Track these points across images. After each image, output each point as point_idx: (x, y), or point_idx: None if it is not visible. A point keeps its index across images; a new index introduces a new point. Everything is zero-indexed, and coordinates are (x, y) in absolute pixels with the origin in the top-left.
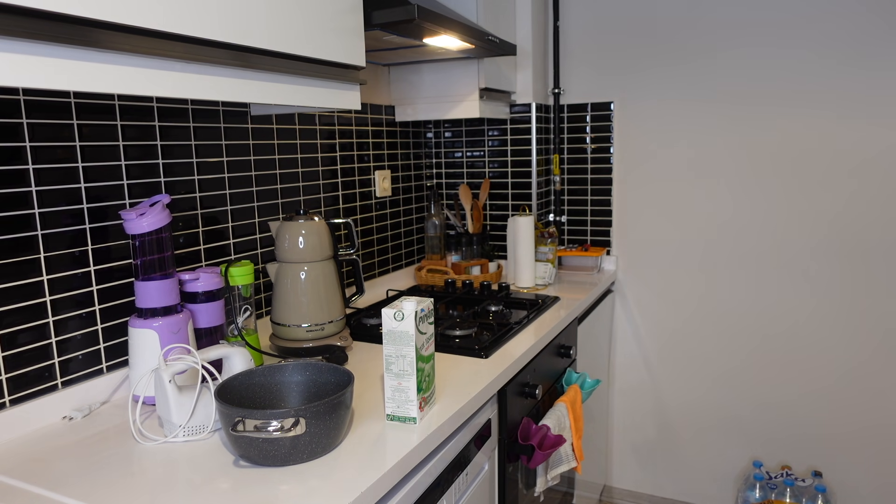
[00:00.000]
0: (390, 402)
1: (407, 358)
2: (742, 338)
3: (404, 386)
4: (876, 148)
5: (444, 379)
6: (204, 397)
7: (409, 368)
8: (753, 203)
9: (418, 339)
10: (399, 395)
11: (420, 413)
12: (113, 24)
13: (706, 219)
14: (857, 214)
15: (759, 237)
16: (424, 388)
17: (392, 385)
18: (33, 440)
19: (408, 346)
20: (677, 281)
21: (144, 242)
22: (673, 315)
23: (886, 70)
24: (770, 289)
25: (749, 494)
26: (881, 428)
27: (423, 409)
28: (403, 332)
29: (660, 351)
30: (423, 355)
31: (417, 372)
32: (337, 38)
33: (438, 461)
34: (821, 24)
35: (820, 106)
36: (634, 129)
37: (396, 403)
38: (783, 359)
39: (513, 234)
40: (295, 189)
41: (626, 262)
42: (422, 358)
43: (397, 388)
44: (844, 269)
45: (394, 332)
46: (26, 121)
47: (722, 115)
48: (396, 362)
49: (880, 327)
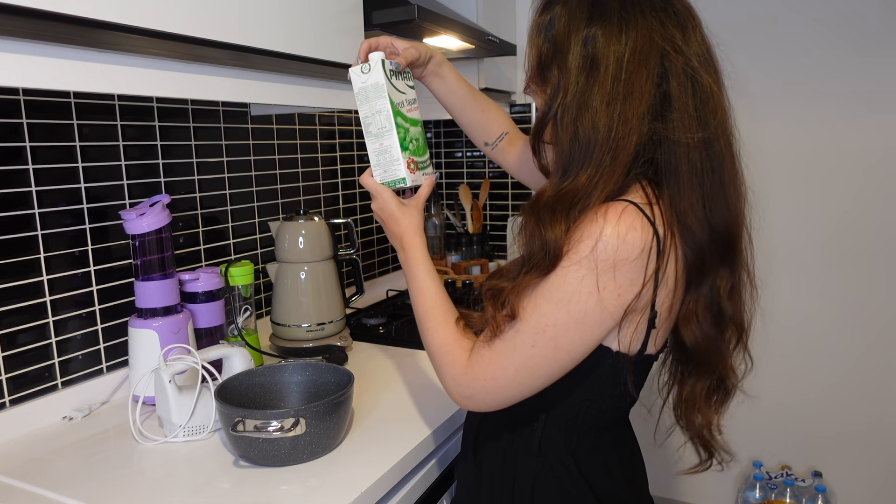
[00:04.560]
0: (377, 168)
1: (383, 112)
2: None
3: (387, 145)
4: (881, 147)
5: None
6: (204, 397)
7: (388, 123)
8: (757, 204)
9: (393, 94)
10: (383, 156)
11: (410, 174)
12: (113, 24)
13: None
14: (858, 215)
15: (758, 235)
16: (412, 150)
17: (374, 149)
18: (33, 440)
19: (380, 98)
20: None
21: (144, 242)
22: None
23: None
24: (770, 288)
25: (749, 494)
26: (881, 428)
27: (414, 171)
28: (374, 84)
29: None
30: (405, 115)
31: (398, 128)
32: (337, 38)
33: (439, 460)
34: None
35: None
36: None
37: (383, 168)
38: (783, 358)
39: (513, 234)
40: (295, 189)
41: None
42: (401, 115)
43: (380, 150)
44: (845, 268)
45: (364, 89)
46: (26, 121)
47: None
48: (373, 121)
49: (881, 327)
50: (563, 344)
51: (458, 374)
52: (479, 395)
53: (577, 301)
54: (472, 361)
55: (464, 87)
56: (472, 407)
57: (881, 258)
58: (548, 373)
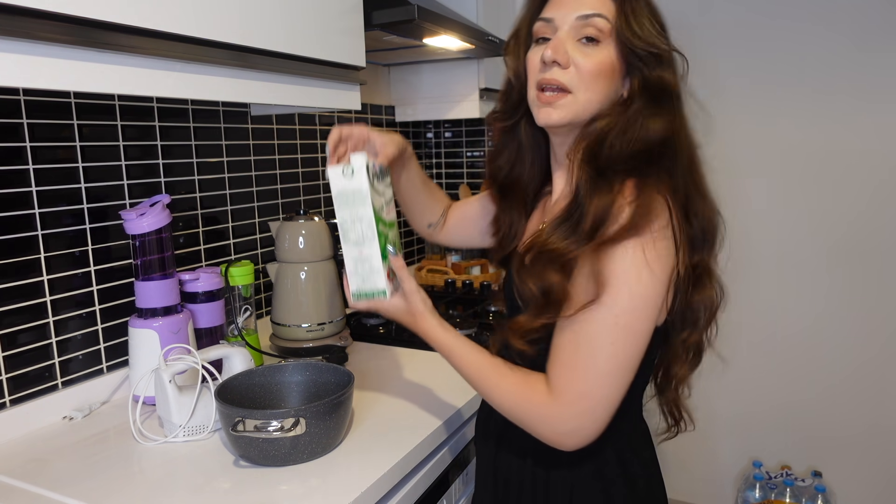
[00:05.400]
0: (354, 276)
1: (365, 220)
2: (743, 338)
3: (367, 254)
4: (878, 146)
5: (445, 378)
6: (204, 397)
7: (369, 232)
8: (756, 202)
9: (375, 199)
10: (362, 265)
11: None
12: (113, 25)
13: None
14: (864, 216)
15: (761, 237)
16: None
17: (353, 256)
18: (33, 440)
19: (363, 205)
20: None
21: (144, 242)
22: None
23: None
24: (771, 290)
25: (749, 494)
26: (881, 428)
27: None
28: (356, 190)
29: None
30: (385, 219)
31: (379, 236)
32: (337, 39)
33: (439, 460)
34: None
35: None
36: None
37: (361, 277)
38: (784, 359)
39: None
40: (295, 189)
41: None
42: (382, 221)
43: (359, 258)
44: (847, 270)
45: (345, 193)
46: (26, 121)
47: (725, 112)
48: (353, 228)
49: (882, 328)
50: (637, 326)
51: (547, 413)
52: (577, 421)
53: (636, 281)
54: (553, 392)
55: (422, 173)
56: (580, 440)
57: (885, 260)
58: (633, 364)
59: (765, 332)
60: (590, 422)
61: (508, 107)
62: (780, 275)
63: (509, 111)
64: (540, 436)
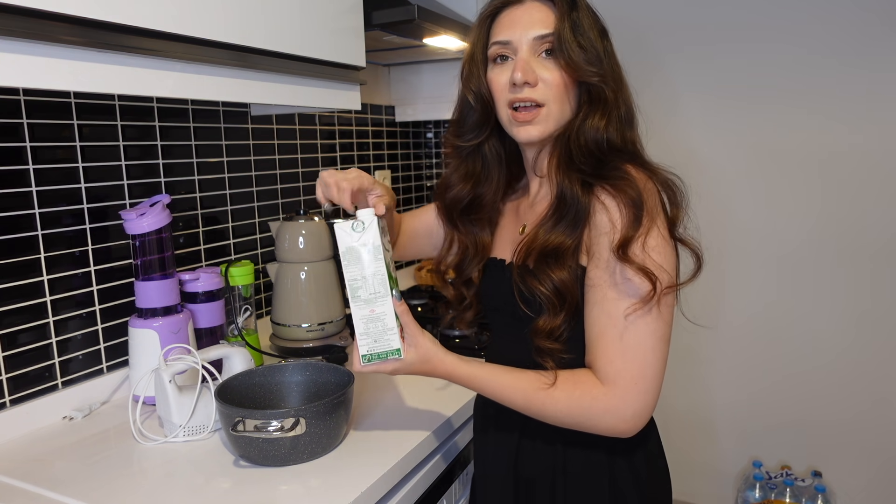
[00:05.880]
0: (364, 337)
1: (378, 276)
2: (743, 338)
3: (379, 312)
4: (873, 148)
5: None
6: (204, 397)
7: (382, 288)
8: (756, 204)
9: (385, 254)
10: (374, 325)
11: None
12: (113, 25)
13: (708, 219)
14: (864, 215)
15: (761, 238)
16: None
17: (363, 315)
18: (33, 440)
19: (375, 261)
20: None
21: (144, 242)
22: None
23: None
24: (771, 290)
25: (749, 494)
26: (882, 428)
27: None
28: (369, 246)
29: None
30: (392, 274)
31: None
32: (337, 39)
33: (439, 460)
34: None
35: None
36: None
37: (373, 338)
38: (784, 359)
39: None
40: (295, 189)
41: None
42: (391, 276)
43: (370, 317)
44: (846, 270)
45: (355, 249)
46: (26, 121)
47: (723, 114)
48: (364, 285)
49: (882, 328)
50: (667, 298)
51: (608, 404)
52: (639, 403)
53: (661, 255)
54: (607, 383)
55: (397, 215)
56: (643, 421)
57: (884, 260)
58: (669, 334)
59: (765, 333)
60: (651, 400)
61: (469, 129)
62: (781, 276)
63: (474, 131)
64: (605, 429)
